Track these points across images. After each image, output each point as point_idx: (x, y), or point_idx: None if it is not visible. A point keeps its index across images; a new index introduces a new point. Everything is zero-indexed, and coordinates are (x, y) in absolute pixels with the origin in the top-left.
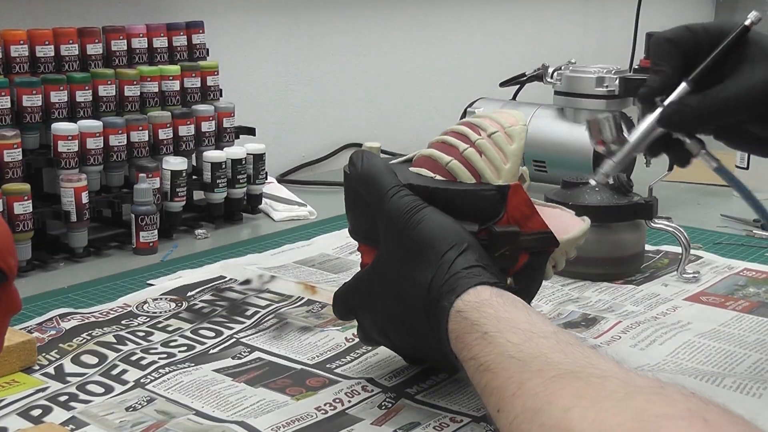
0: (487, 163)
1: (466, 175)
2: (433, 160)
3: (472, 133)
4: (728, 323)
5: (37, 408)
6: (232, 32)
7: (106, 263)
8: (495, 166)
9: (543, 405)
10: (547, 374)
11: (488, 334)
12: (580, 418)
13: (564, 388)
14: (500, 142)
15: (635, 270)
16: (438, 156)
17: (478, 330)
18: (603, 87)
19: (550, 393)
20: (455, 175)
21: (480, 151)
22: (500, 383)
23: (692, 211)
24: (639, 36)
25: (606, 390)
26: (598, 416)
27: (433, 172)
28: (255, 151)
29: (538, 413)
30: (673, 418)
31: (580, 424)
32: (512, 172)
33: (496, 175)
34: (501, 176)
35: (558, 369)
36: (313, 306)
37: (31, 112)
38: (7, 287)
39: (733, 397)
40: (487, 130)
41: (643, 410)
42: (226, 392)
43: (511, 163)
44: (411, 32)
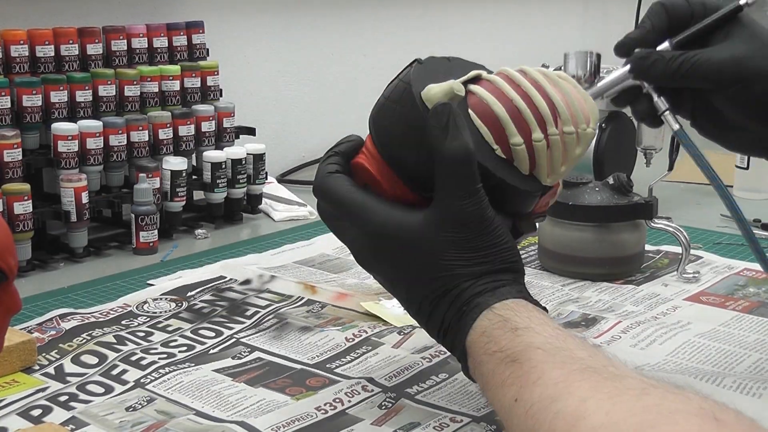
0: (548, 162)
1: (525, 165)
2: (502, 129)
3: (551, 123)
4: (728, 323)
5: (37, 408)
6: (232, 32)
7: (106, 263)
8: (553, 166)
9: (561, 394)
10: (570, 367)
11: (519, 329)
12: (596, 409)
13: (583, 381)
14: (569, 144)
15: (635, 270)
16: (510, 130)
17: (508, 326)
18: None
19: (569, 383)
20: (516, 158)
21: (549, 146)
22: (523, 372)
23: (692, 211)
24: None
25: (623, 386)
26: (613, 408)
27: (495, 140)
28: (255, 151)
29: (555, 401)
30: (686, 413)
31: (595, 414)
32: (563, 176)
33: (548, 175)
34: (551, 177)
35: (580, 363)
36: (313, 306)
37: (31, 112)
38: (7, 287)
39: (733, 397)
40: (564, 124)
41: (658, 405)
42: (226, 392)
43: (567, 167)
44: (411, 32)
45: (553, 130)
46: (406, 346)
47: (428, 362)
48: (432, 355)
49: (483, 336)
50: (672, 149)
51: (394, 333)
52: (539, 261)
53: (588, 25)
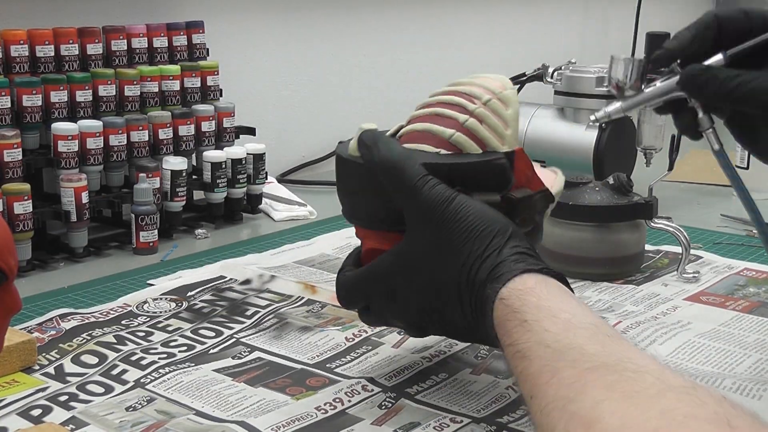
0: (490, 131)
1: (472, 146)
2: (434, 135)
3: (468, 103)
4: (728, 323)
5: (37, 408)
6: (232, 32)
7: (106, 263)
8: (498, 133)
9: (575, 395)
10: (582, 365)
11: (527, 322)
12: (610, 411)
13: (597, 380)
14: (497, 109)
15: (635, 270)
16: (438, 130)
17: (518, 317)
18: (603, 87)
19: (583, 384)
20: (461, 147)
21: (480, 120)
22: (535, 370)
23: (692, 211)
24: (639, 36)
25: (638, 385)
26: (627, 411)
27: (436, 147)
28: (255, 151)
29: (570, 402)
30: (699, 419)
31: (609, 417)
32: (514, 137)
33: (501, 142)
34: (505, 142)
35: (593, 361)
36: (313, 306)
37: (31, 112)
38: (7, 287)
39: (733, 399)
40: (481, 99)
41: (672, 409)
42: (226, 392)
43: (512, 128)
44: (411, 32)
45: (473, 107)
46: (406, 345)
47: (428, 362)
48: (432, 355)
49: (499, 327)
50: (672, 149)
51: (394, 333)
52: None
53: (588, 24)
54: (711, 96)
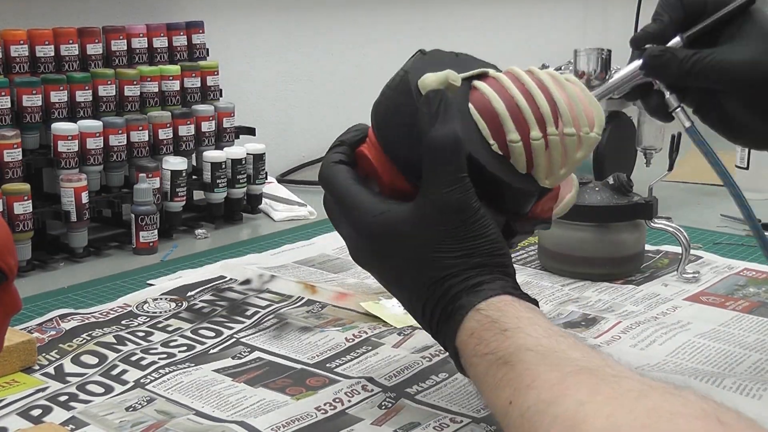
0: (547, 162)
1: (521, 163)
2: (500, 124)
3: (551, 123)
4: (728, 323)
5: (37, 408)
6: (232, 32)
7: (106, 263)
8: (551, 168)
9: (558, 398)
10: (564, 369)
11: (508, 330)
12: (595, 413)
13: (580, 383)
14: (569, 147)
15: (635, 270)
16: (508, 126)
17: (497, 327)
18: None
19: (565, 387)
20: (512, 155)
21: (547, 147)
22: (516, 374)
23: (692, 211)
24: None
25: (622, 388)
26: (613, 412)
27: (492, 136)
28: (255, 151)
29: (552, 405)
30: (687, 416)
31: (594, 419)
32: (562, 178)
33: (546, 176)
34: (550, 179)
35: (575, 365)
36: (313, 306)
37: (31, 112)
38: (7, 287)
39: (733, 399)
40: (565, 126)
41: (658, 407)
42: (226, 392)
43: (566, 170)
44: (411, 32)
45: (552, 130)
46: (406, 345)
47: (428, 362)
48: (432, 355)
49: (472, 337)
50: (672, 149)
51: (394, 333)
52: (539, 261)
53: (588, 24)
54: (673, 75)
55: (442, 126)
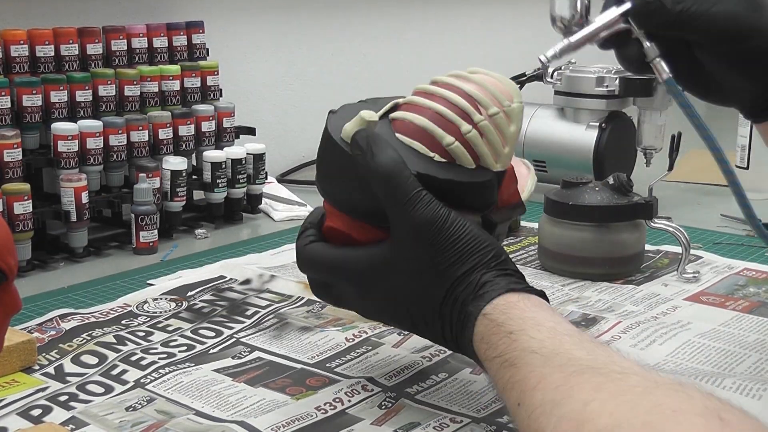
0: (489, 148)
1: (467, 159)
2: (431, 136)
3: (474, 112)
4: (728, 323)
5: (37, 408)
6: (232, 32)
7: (106, 263)
8: (495, 150)
9: (562, 398)
10: (568, 369)
11: (513, 333)
12: (599, 411)
13: (584, 383)
14: (501, 124)
15: (635, 270)
16: (438, 134)
17: (503, 330)
18: (603, 87)
19: (570, 387)
20: (455, 157)
21: (482, 134)
22: (522, 377)
23: (692, 211)
24: None
25: (625, 385)
26: (616, 409)
27: (430, 149)
28: (255, 151)
29: (557, 405)
30: (689, 413)
31: (598, 417)
32: (509, 156)
33: (495, 160)
34: (500, 161)
35: (579, 365)
36: (313, 306)
37: (31, 112)
38: (7, 287)
39: (733, 399)
40: (488, 109)
41: (661, 404)
42: (226, 392)
43: (510, 147)
44: (411, 32)
45: (478, 118)
46: (406, 345)
47: (428, 362)
48: (432, 355)
49: (482, 342)
50: (672, 149)
51: (394, 333)
52: (539, 261)
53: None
54: (658, 23)
55: (377, 156)
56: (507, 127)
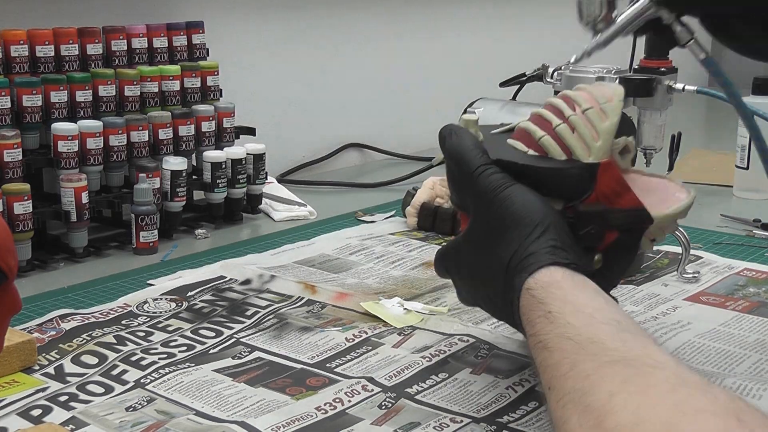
0: (579, 140)
1: (557, 151)
2: (528, 134)
3: (567, 108)
4: (728, 323)
5: (37, 408)
6: (232, 32)
7: (106, 263)
8: (586, 143)
9: (591, 387)
10: (601, 359)
11: (551, 314)
12: (623, 404)
13: (614, 374)
14: (593, 119)
15: (635, 270)
16: (532, 130)
17: (542, 308)
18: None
19: (599, 377)
20: (546, 150)
21: (572, 127)
22: (555, 362)
23: (692, 211)
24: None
25: (654, 380)
26: (640, 404)
27: (527, 146)
28: (255, 151)
29: (585, 395)
30: (709, 413)
31: (622, 410)
32: (603, 150)
33: (587, 153)
34: (591, 153)
35: (612, 355)
36: (313, 306)
37: (31, 112)
38: (7, 287)
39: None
40: (581, 106)
41: (684, 403)
42: (226, 392)
43: (602, 140)
44: (411, 32)
45: (569, 113)
46: (406, 345)
47: (428, 362)
48: (432, 355)
49: (524, 317)
50: (672, 149)
51: (394, 333)
52: None
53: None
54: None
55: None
56: (600, 121)
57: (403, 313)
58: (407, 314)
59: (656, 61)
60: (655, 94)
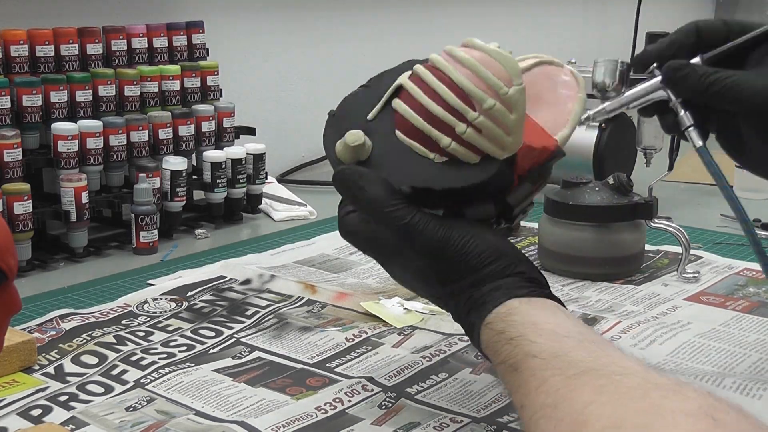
0: (489, 141)
1: (469, 156)
2: (428, 138)
3: (468, 110)
4: (728, 323)
5: (37, 408)
6: (232, 32)
7: (106, 263)
8: (498, 142)
9: (562, 401)
10: (568, 372)
11: (513, 340)
12: (598, 413)
13: (584, 385)
14: (499, 116)
15: (635, 270)
16: (435, 136)
17: (504, 337)
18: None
19: (570, 390)
20: (457, 155)
21: (480, 130)
22: (524, 380)
23: (692, 211)
24: (639, 36)
25: (624, 386)
26: (614, 411)
27: (430, 150)
28: (255, 151)
29: (557, 408)
30: (684, 413)
31: (597, 419)
32: (516, 141)
33: (501, 149)
34: (506, 149)
35: (579, 367)
36: (313, 306)
37: (31, 112)
38: (7, 287)
39: (733, 399)
40: (482, 103)
41: (659, 405)
42: (226, 392)
43: (514, 133)
44: (411, 32)
45: (473, 115)
46: (406, 345)
47: (428, 362)
48: (432, 355)
49: (488, 349)
50: (672, 149)
51: (394, 333)
52: (539, 261)
53: (588, 26)
54: (689, 90)
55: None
56: (507, 116)
57: (403, 313)
58: (407, 314)
59: None
60: None
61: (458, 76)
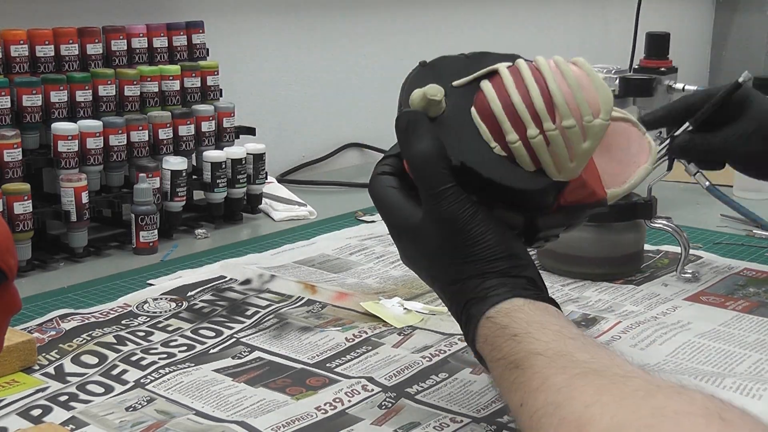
0: (552, 157)
1: (526, 162)
2: (499, 125)
3: (547, 118)
4: (728, 323)
5: (37, 408)
6: (232, 32)
7: (106, 263)
8: (560, 162)
9: (565, 400)
10: (572, 371)
11: (518, 336)
12: (601, 414)
13: (587, 385)
14: (572, 139)
15: (635, 270)
16: (506, 128)
17: (507, 333)
18: None
19: (572, 389)
20: (515, 155)
21: (548, 142)
22: (526, 378)
23: (692, 211)
24: (639, 36)
25: (628, 388)
26: (618, 412)
27: (495, 139)
28: (255, 151)
29: (559, 407)
30: (691, 414)
31: (600, 419)
32: (575, 170)
33: (558, 171)
34: (563, 173)
35: (582, 367)
36: (313, 306)
37: (31, 112)
38: (7, 287)
39: (733, 399)
40: (563, 119)
41: (663, 407)
42: (226, 392)
43: (577, 162)
44: (411, 32)
45: (549, 126)
46: (406, 345)
47: (428, 362)
48: (432, 355)
49: (486, 344)
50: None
51: (394, 333)
52: (539, 261)
53: (588, 26)
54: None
55: (414, 144)
56: (580, 142)
57: (403, 313)
58: (407, 314)
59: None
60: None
61: (554, 85)
